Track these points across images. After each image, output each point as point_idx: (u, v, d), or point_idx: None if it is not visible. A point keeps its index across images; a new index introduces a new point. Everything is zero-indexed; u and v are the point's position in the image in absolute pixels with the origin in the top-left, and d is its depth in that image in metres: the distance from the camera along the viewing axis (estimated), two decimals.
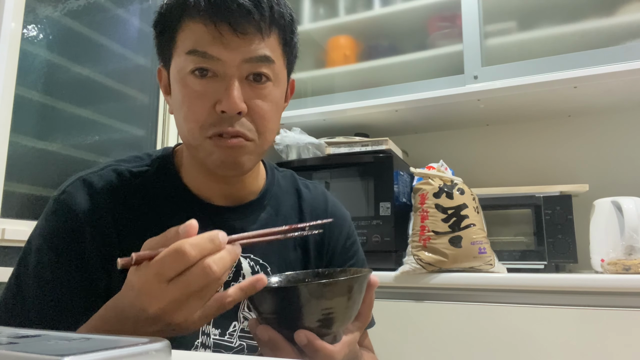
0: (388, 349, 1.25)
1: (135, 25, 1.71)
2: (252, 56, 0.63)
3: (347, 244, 0.82)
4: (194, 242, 0.46)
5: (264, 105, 0.65)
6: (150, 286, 0.46)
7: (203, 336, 0.68)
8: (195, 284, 0.46)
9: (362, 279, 0.54)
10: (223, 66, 0.62)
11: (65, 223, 0.65)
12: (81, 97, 1.48)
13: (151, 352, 0.29)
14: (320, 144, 1.60)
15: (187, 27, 0.63)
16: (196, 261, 0.45)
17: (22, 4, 1.27)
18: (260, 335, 0.53)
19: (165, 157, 0.74)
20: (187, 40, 0.63)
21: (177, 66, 0.64)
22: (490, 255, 1.28)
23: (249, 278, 0.51)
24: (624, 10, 1.45)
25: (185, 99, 0.64)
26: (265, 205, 0.77)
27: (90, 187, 0.67)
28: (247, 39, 0.62)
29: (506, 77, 1.48)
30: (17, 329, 0.36)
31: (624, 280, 1.10)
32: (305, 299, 0.50)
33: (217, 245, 0.47)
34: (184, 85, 0.64)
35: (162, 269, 0.45)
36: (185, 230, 0.47)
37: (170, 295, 0.46)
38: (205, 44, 0.62)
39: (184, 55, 0.63)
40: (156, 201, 0.70)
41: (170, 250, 0.45)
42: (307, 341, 0.51)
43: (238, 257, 0.50)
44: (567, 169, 1.69)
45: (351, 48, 1.84)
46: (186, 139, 0.67)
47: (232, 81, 0.62)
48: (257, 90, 0.65)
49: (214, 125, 0.63)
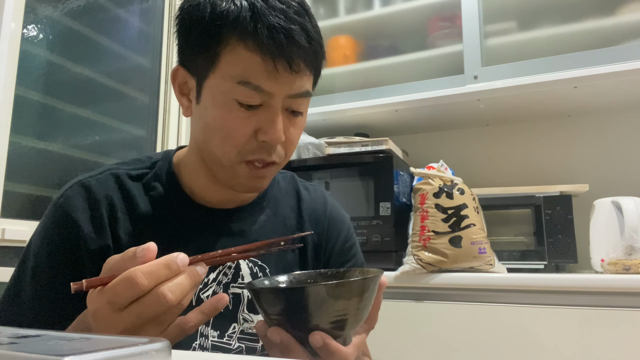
0: (388, 349, 1.25)
1: (135, 25, 1.71)
2: (298, 92, 0.63)
3: (345, 247, 0.82)
4: (147, 269, 0.44)
5: (295, 133, 0.67)
6: (103, 313, 0.44)
7: (201, 338, 0.68)
8: (149, 312, 0.44)
9: (376, 279, 0.53)
10: (270, 98, 0.62)
11: (62, 227, 0.65)
12: (81, 97, 1.48)
13: (151, 352, 0.29)
14: (320, 144, 1.60)
15: (237, 51, 0.60)
16: (149, 289, 0.44)
17: (22, 4, 1.27)
18: (272, 337, 0.51)
19: (165, 160, 0.74)
20: (236, 66, 0.61)
21: (220, 88, 0.62)
22: (490, 255, 1.28)
23: (209, 300, 0.50)
24: (624, 10, 1.45)
25: (226, 123, 0.63)
26: (265, 207, 0.77)
27: (89, 191, 0.67)
28: (298, 76, 0.62)
29: (506, 77, 1.48)
30: (17, 329, 0.36)
31: (624, 280, 1.10)
32: (320, 299, 0.49)
33: (174, 270, 0.45)
34: (226, 109, 0.62)
35: (114, 298, 0.44)
36: (142, 253, 0.45)
37: (123, 323, 0.44)
38: (259, 78, 0.60)
39: (232, 81, 0.61)
40: (154, 204, 0.70)
41: (121, 278, 0.44)
42: (322, 343, 0.50)
43: (201, 278, 0.48)
44: (567, 169, 1.69)
45: (351, 48, 1.84)
46: (215, 157, 0.66)
47: (278, 113, 0.63)
48: (292, 120, 0.66)
49: (253, 152, 0.64)
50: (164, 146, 1.77)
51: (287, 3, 0.61)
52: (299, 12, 0.62)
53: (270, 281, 0.61)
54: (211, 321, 0.68)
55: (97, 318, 0.45)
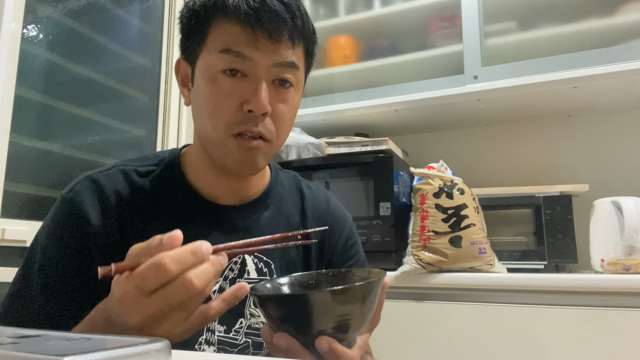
0: (388, 349, 1.26)
1: (135, 25, 1.71)
2: (282, 61, 0.65)
3: (347, 245, 0.83)
4: (175, 255, 0.45)
5: (285, 109, 0.68)
6: (131, 298, 0.45)
7: (207, 333, 0.68)
8: (176, 298, 0.45)
9: (379, 282, 0.53)
10: (254, 67, 0.64)
11: (70, 221, 0.66)
12: (81, 97, 1.48)
13: (151, 352, 0.29)
14: (320, 144, 1.60)
15: (221, 26, 0.65)
16: (177, 275, 0.45)
17: (22, 4, 1.27)
18: (278, 343, 0.52)
19: (171, 157, 0.75)
20: (220, 39, 0.65)
21: (207, 63, 0.66)
22: (490, 255, 1.28)
23: (231, 288, 0.51)
24: (624, 10, 1.45)
25: (213, 96, 0.65)
26: (269, 204, 0.78)
27: (97, 186, 0.68)
28: (280, 45, 0.65)
29: (506, 77, 1.48)
30: (17, 329, 0.36)
31: (624, 280, 1.10)
32: (326, 305, 0.49)
33: (200, 258, 0.46)
34: (213, 82, 0.65)
35: (142, 283, 0.44)
36: (169, 240, 0.46)
37: (150, 309, 0.45)
38: (240, 45, 0.64)
39: (216, 53, 0.65)
40: (161, 200, 0.71)
41: (150, 263, 0.44)
42: (329, 347, 0.50)
43: (223, 267, 0.49)
44: (567, 169, 1.69)
45: (351, 48, 1.84)
46: (207, 135, 0.68)
47: (261, 83, 0.65)
48: (281, 94, 0.68)
49: (239, 123, 0.65)
50: (164, 146, 1.77)
51: None
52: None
53: (272, 284, 0.60)
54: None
55: (124, 303, 0.46)
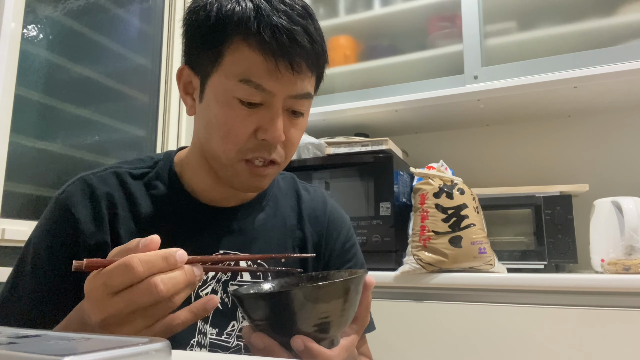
0: (388, 349, 1.26)
1: (135, 25, 1.71)
2: (299, 93, 0.64)
3: (345, 247, 0.82)
4: (145, 258, 0.45)
5: (295, 134, 0.68)
6: (96, 295, 0.45)
7: (199, 335, 0.68)
8: (139, 301, 0.44)
9: (358, 280, 0.53)
10: (271, 98, 0.63)
11: (62, 221, 0.66)
12: (81, 97, 1.48)
13: (151, 352, 0.29)
14: (320, 144, 1.60)
15: (240, 51, 0.62)
16: (144, 277, 0.44)
17: (22, 4, 1.27)
18: (255, 343, 0.51)
19: (166, 160, 0.75)
20: (239, 65, 0.62)
21: (223, 87, 0.63)
22: (490, 255, 1.28)
23: (199, 300, 0.50)
24: (624, 10, 1.45)
25: (227, 121, 0.64)
26: (264, 206, 0.77)
27: (89, 187, 0.68)
28: (299, 75, 0.63)
29: (506, 77, 1.48)
30: (17, 329, 0.36)
31: (624, 280, 1.10)
32: (299, 303, 0.49)
33: (171, 264, 0.46)
34: (228, 107, 0.63)
35: (109, 280, 0.44)
36: (145, 243, 0.46)
37: (113, 308, 0.44)
38: (261, 77, 0.61)
39: (234, 80, 0.62)
40: (155, 202, 0.71)
41: (119, 262, 0.45)
42: (304, 346, 0.50)
43: (196, 279, 0.48)
44: (567, 169, 1.69)
45: (351, 48, 1.84)
46: (216, 155, 0.67)
47: (279, 113, 0.64)
48: (293, 121, 0.67)
49: (252, 150, 0.65)
50: (164, 146, 1.77)
51: (290, 5, 0.63)
52: (302, 14, 0.63)
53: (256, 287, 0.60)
54: (210, 318, 0.69)
55: (89, 299, 0.46)
